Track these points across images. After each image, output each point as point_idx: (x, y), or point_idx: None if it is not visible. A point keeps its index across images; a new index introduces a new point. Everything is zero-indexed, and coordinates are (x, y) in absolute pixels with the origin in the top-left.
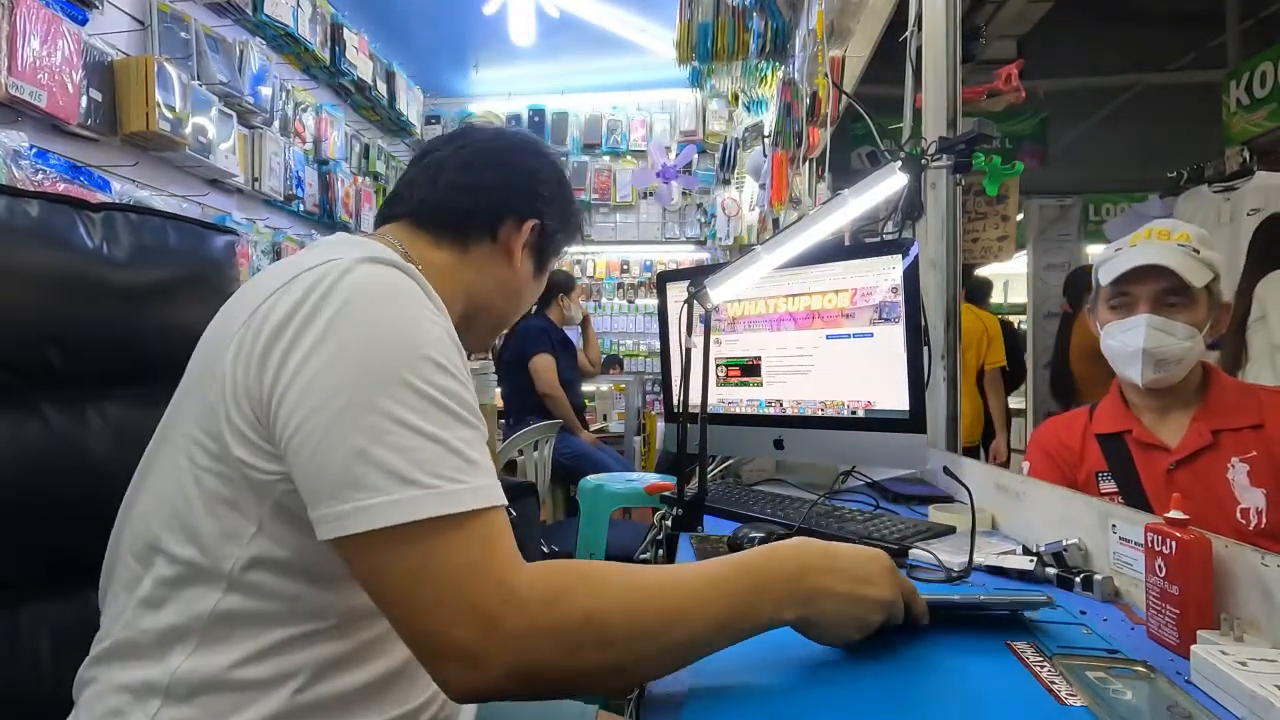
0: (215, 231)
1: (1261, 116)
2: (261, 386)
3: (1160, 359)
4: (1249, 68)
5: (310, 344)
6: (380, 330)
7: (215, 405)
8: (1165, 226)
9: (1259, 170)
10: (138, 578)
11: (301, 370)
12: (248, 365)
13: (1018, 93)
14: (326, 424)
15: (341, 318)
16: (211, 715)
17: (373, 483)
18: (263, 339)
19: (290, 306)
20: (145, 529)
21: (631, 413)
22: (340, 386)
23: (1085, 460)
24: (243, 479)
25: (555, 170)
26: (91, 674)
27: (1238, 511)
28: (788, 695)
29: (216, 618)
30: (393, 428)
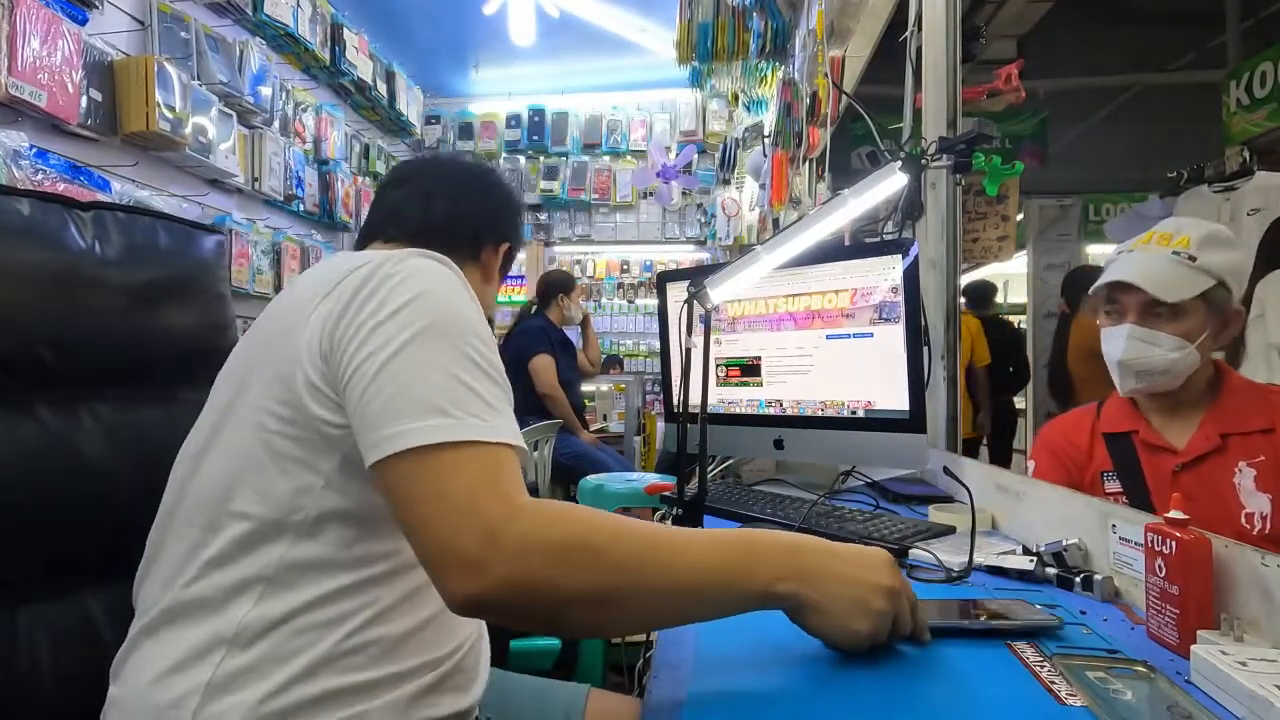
0: (204, 231)
1: (1261, 116)
2: (334, 341)
3: (1140, 370)
4: (1249, 68)
5: (377, 304)
6: (437, 299)
7: (290, 374)
8: (1170, 229)
9: (1259, 170)
10: (203, 542)
11: (365, 324)
12: (324, 327)
13: (1018, 93)
14: (378, 366)
15: (405, 287)
16: (271, 660)
17: (410, 412)
18: (340, 304)
19: (364, 277)
20: (212, 497)
21: (631, 413)
22: (393, 337)
23: (1092, 460)
24: (317, 436)
25: (516, 198)
26: (137, 644)
27: (1242, 516)
28: (787, 695)
29: (285, 566)
30: (434, 373)
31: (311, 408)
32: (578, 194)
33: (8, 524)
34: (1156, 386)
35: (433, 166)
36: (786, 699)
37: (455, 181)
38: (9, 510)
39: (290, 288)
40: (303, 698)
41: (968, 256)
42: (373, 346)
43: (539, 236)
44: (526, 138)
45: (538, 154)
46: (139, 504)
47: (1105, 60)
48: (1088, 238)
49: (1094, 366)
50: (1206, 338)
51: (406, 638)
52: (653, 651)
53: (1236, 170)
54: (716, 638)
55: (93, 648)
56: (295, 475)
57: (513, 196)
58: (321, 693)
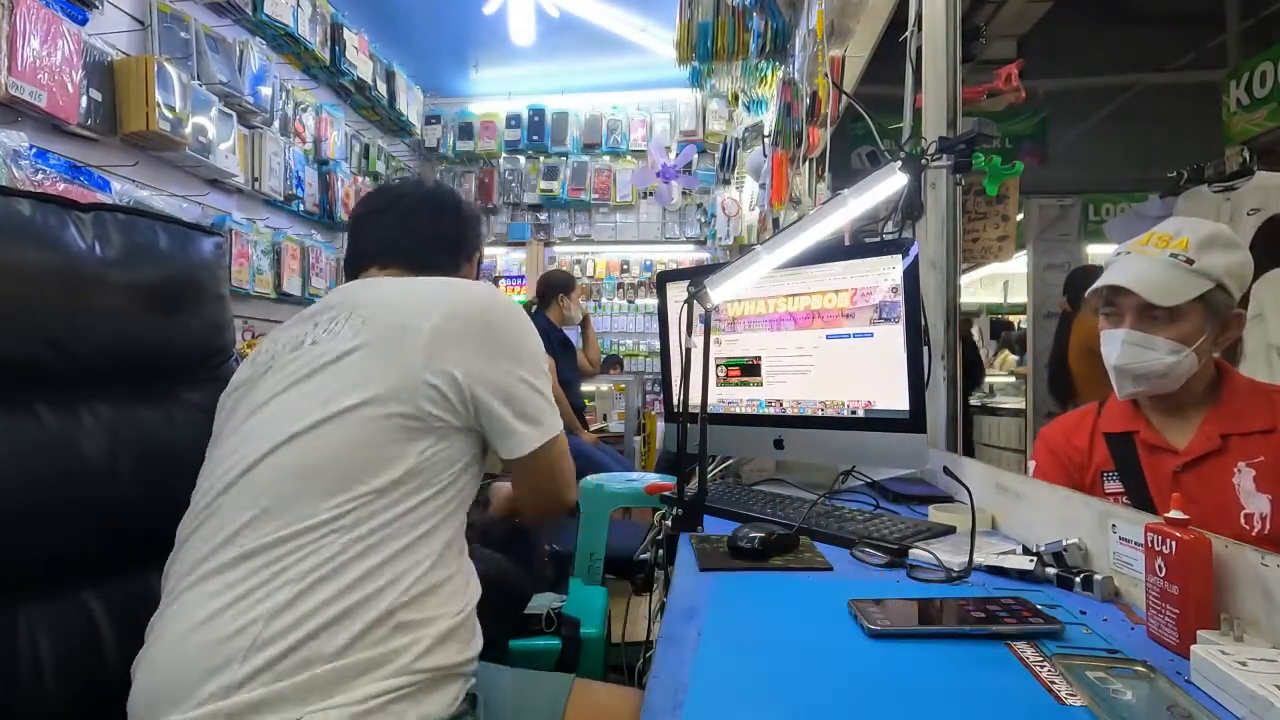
0: (203, 233)
1: (1261, 116)
2: (453, 367)
3: (1137, 374)
4: (1249, 68)
5: (490, 342)
6: (527, 330)
7: (411, 381)
8: (1169, 231)
9: (1259, 170)
10: (313, 507)
11: (484, 359)
12: (446, 352)
13: (1018, 93)
14: (500, 390)
15: (514, 324)
16: (373, 596)
17: (531, 420)
18: (471, 336)
19: (482, 311)
20: (328, 470)
21: (631, 413)
22: (515, 367)
23: (1092, 459)
24: (424, 425)
25: (477, 211)
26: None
27: (1241, 517)
28: (787, 695)
29: (381, 524)
30: (529, 392)
31: (425, 405)
32: (578, 194)
33: (7, 523)
34: (1155, 389)
35: (404, 194)
36: (786, 698)
37: (428, 205)
38: (8, 509)
39: (385, 300)
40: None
41: (968, 256)
42: (509, 373)
43: (539, 236)
44: (526, 138)
45: (538, 154)
46: (138, 503)
47: (1105, 60)
48: (1088, 238)
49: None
50: (1205, 341)
51: (441, 585)
52: (653, 651)
53: (1236, 170)
54: (717, 638)
55: (92, 646)
56: (400, 453)
57: (475, 210)
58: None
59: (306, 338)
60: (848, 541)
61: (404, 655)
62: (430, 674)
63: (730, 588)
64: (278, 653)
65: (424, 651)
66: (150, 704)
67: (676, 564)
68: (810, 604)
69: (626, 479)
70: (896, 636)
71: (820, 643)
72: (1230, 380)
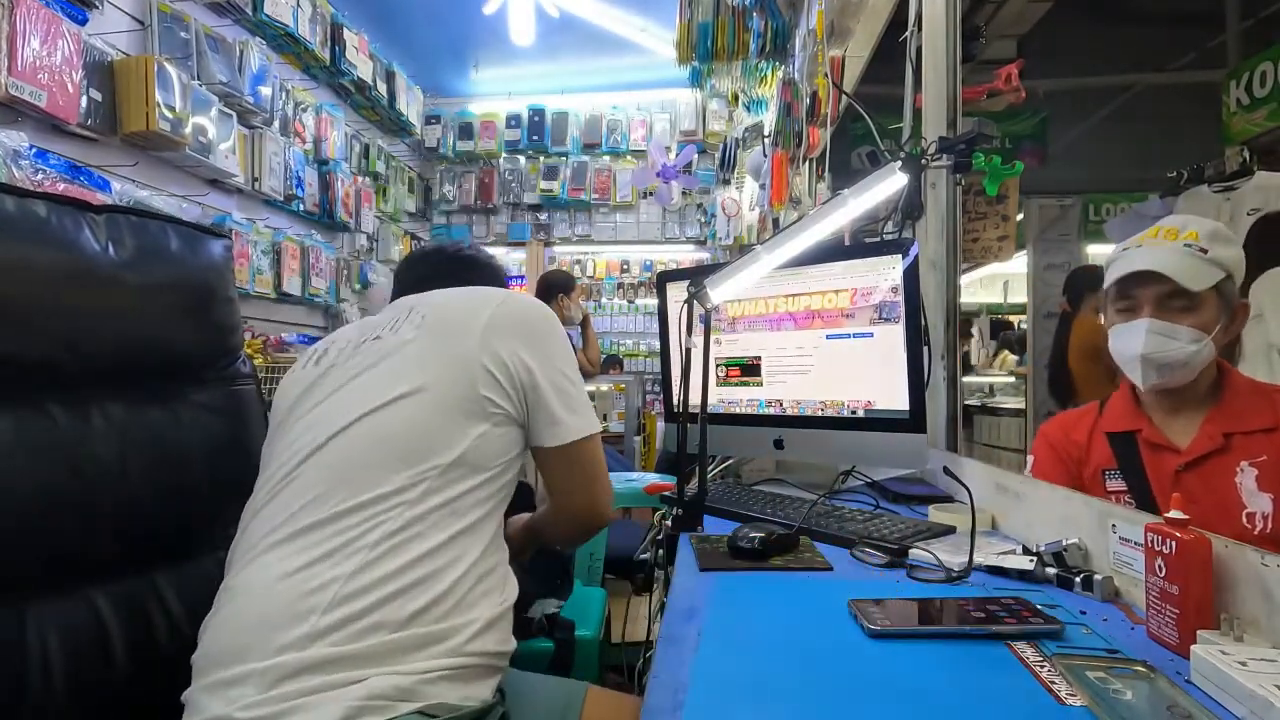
0: (213, 236)
1: (1261, 116)
2: (505, 355)
3: (1161, 364)
4: (1249, 68)
5: (545, 336)
6: (565, 338)
7: (468, 367)
8: (1175, 224)
9: (1259, 170)
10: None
11: (549, 353)
12: (505, 344)
13: (1018, 93)
14: (549, 381)
15: (556, 324)
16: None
17: (576, 412)
18: (523, 332)
19: (530, 311)
20: (394, 450)
21: (631, 413)
22: (567, 364)
23: (1092, 457)
24: (480, 410)
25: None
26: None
27: (1244, 516)
28: (787, 695)
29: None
30: (580, 390)
31: (481, 389)
32: (578, 194)
33: (18, 520)
34: (1174, 380)
35: (435, 250)
36: (786, 699)
37: (459, 257)
38: (19, 508)
39: (443, 303)
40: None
41: (968, 256)
42: (543, 368)
43: (539, 236)
44: (526, 138)
45: (538, 154)
46: (147, 503)
47: (1105, 60)
48: (1088, 238)
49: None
50: (1219, 331)
51: (490, 573)
52: (653, 651)
53: (1236, 170)
54: (717, 638)
55: (100, 644)
56: (459, 435)
57: (486, 261)
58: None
59: (370, 333)
60: (848, 541)
61: (457, 635)
62: (478, 658)
63: (730, 588)
64: (355, 611)
65: (474, 635)
66: (222, 657)
67: (676, 564)
68: (810, 604)
69: (626, 479)
70: (896, 636)
71: (820, 643)
72: (1231, 379)
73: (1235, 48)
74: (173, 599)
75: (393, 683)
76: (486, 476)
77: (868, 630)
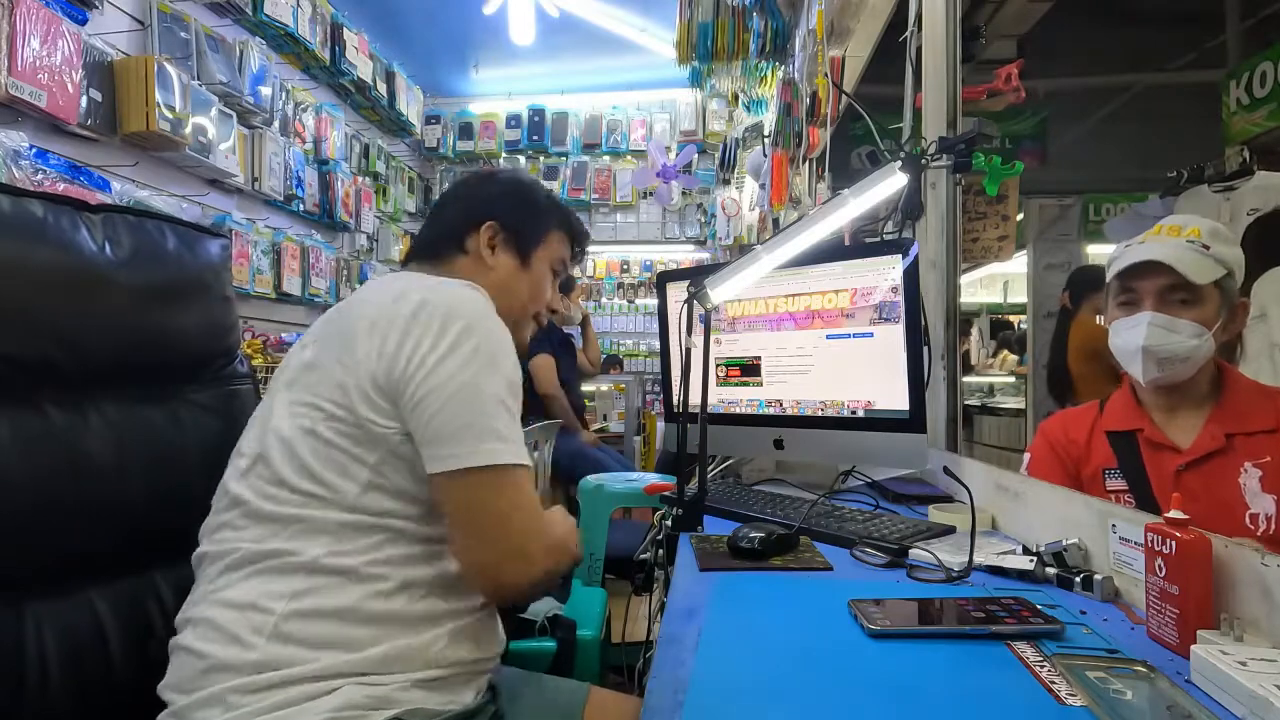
0: (211, 235)
1: (1261, 116)
2: (394, 368)
3: (1163, 357)
4: (1249, 68)
5: (433, 340)
6: (487, 337)
7: (346, 381)
8: (1178, 222)
9: (1259, 170)
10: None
11: (427, 359)
12: (382, 353)
13: (1018, 93)
14: (448, 393)
15: (452, 318)
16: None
17: (480, 436)
18: (395, 335)
19: (413, 310)
20: (274, 471)
21: (631, 413)
22: (459, 369)
23: (1092, 456)
24: (364, 433)
25: (511, 182)
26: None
27: (1246, 517)
28: (787, 695)
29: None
30: (490, 401)
31: (361, 410)
32: (578, 194)
33: (15, 520)
34: (1175, 376)
35: (459, 183)
36: (786, 699)
37: (450, 194)
38: (16, 507)
39: (345, 305)
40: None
41: (968, 256)
42: (437, 380)
43: None
44: (526, 138)
45: (538, 154)
46: (143, 503)
47: (1105, 60)
48: (1088, 238)
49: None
50: (1219, 327)
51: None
52: (653, 652)
53: (1236, 170)
54: (717, 638)
55: (97, 644)
56: (341, 461)
57: (503, 181)
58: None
59: (303, 346)
60: (848, 541)
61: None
62: (454, 667)
63: (730, 588)
64: (297, 630)
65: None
66: (189, 676)
67: (676, 564)
68: (810, 604)
69: (626, 479)
70: (896, 636)
71: (820, 643)
72: (1233, 380)
73: (1235, 48)
74: (170, 598)
75: (366, 692)
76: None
77: (868, 630)
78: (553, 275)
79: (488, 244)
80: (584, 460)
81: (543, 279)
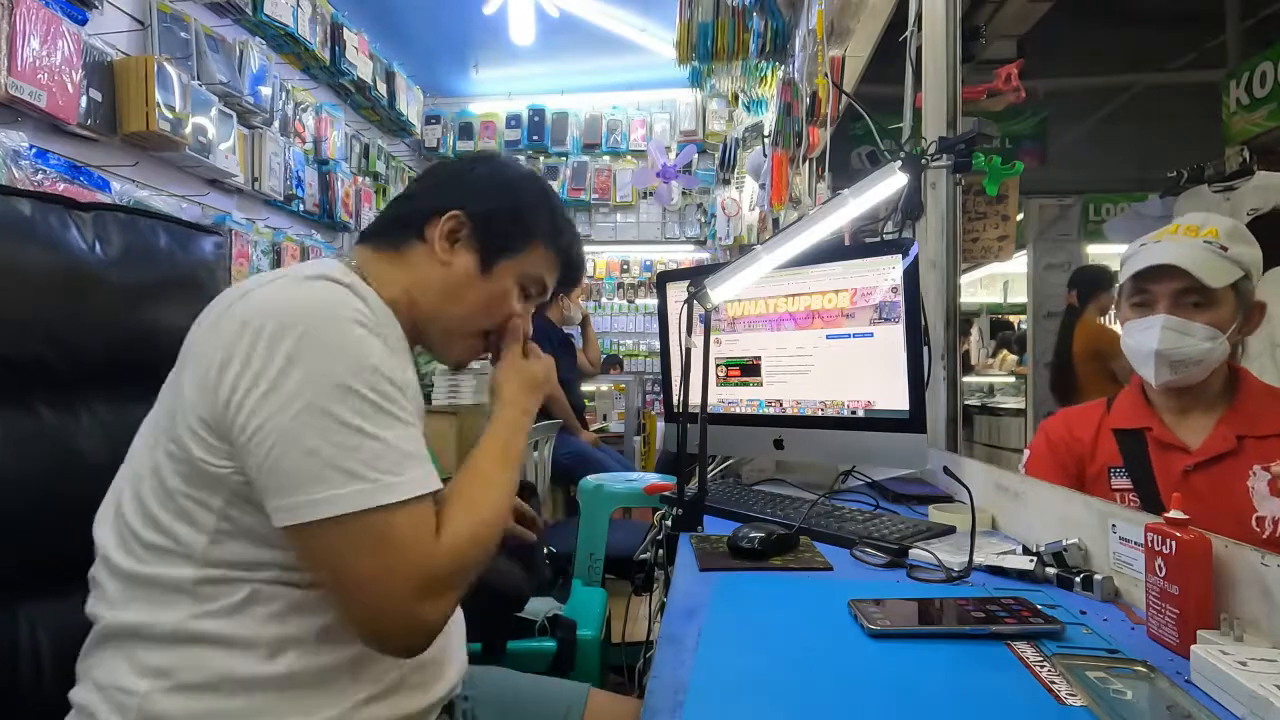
0: (204, 232)
1: (1261, 116)
2: (218, 396)
3: (1176, 360)
4: (1249, 68)
5: (262, 359)
6: (325, 346)
7: (176, 412)
8: (1195, 221)
9: (1259, 170)
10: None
11: (257, 383)
12: (204, 378)
13: (1018, 93)
14: (281, 427)
15: (289, 335)
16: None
17: (324, 477)
18: (218, 356)
19: (236, 327)
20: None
21: (631, 413)
22: (294, 395)
23: (1098, 455)
24: (200, 473)
25: (501, 171)
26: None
27: (1254, 520)
28: (787, 695)
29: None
30: (339, 429)
31: (192, 448)
32: (578, 194)
33: (7, 520)
34: (1187, 379)
35: (446, 161)
36: (786, 699)
37: (445, 166)
38: (8, 507)
39: (205, 310)
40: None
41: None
42: (269, 408)
43: None
44: (526, 138)
45: (538, 154)
46: None
47: (1105, 60)
48: (1088, 238)
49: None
50: (1234, 330)
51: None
52: (653, 651)
53: (1236, 170)
54: (717, 638)
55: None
56: (185, 506)
57: (489, 167)
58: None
59: None
60: (848, 541)
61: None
62: None
63: (730, 588)
64: None
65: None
66: None
67: (676, 564)
68: (810, 604)
69: (626, 479)
70: (896, 636)
71: (820, 643)
72: (1246, 382)
73: (1235, 48)
74: None
75: None
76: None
77: (868, 630)
78: (522, 294)
79: (446, 235)
80: (584, 460)
81: (503, 295)
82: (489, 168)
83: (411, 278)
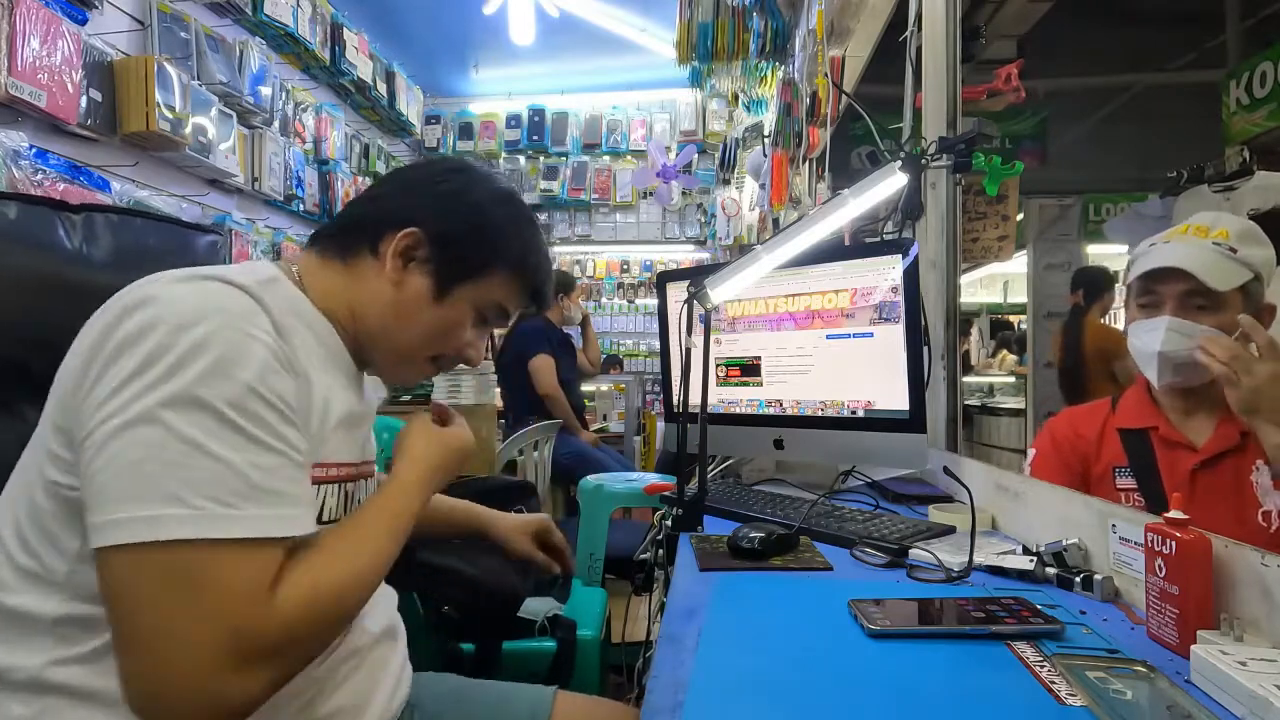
0: (198, 231)
1: (1261, 116)
2: (67, 410)
3: (1179, 363)
4: (1249, 68)
5: (111, 357)
6: (190, 351)
7: (42, 426)
8: (1206, 221)
9: (1259, 170)
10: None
11: (105, 383)
12: (61, 396)
13: (1018, 93)
14: (110, 433)
15: (152, 335)
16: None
17: (139, 495)
18: (78, 361)
19: (99, 331)
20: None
21: (631, 413)
22: (133, 399)
23: (1103, 454)
24: (58, 496)
25: (465, 188)
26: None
27: (1259, 515)
28: (787, 695)
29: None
30: (174, 444)
31: (49, 471)
32: (578, 194)
33: None
34: (1189, 380)
35: (413, 166)
36: (786, 699)
37: (409, 172)
38: None
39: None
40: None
41: (968, 256)
42: (104, 412)
43: None
44: (526, 138)
45: (538, 154)
46: None
47: (1105, 60)
48: (1088, 238)
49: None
50: (1240, 333)
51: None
52: (652, 651)
53: (1236, 170)
54: (717, 638)
55: None
56: (51, 530)
57: (461, 181)
58: None
59: None
60: (848, 541)
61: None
62: None
63: (730, 588)
64: None
65: None
66: None
67: (676, 564)
68: (810, 604)
69: (626, 479)
70: (896, 636)
71: (820, 643)
72: None
73: (1235, 48)
74: None
75: None
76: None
77: (868, 630)
78: (479, 319)
79: (400, 253)
80: (584, 460)
81: (457, 322)
82: (458, 182)
83: (355, 292)
